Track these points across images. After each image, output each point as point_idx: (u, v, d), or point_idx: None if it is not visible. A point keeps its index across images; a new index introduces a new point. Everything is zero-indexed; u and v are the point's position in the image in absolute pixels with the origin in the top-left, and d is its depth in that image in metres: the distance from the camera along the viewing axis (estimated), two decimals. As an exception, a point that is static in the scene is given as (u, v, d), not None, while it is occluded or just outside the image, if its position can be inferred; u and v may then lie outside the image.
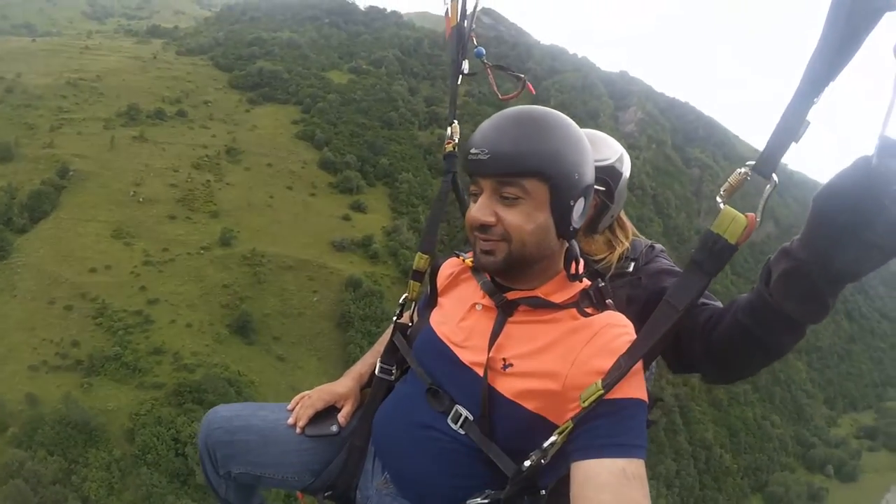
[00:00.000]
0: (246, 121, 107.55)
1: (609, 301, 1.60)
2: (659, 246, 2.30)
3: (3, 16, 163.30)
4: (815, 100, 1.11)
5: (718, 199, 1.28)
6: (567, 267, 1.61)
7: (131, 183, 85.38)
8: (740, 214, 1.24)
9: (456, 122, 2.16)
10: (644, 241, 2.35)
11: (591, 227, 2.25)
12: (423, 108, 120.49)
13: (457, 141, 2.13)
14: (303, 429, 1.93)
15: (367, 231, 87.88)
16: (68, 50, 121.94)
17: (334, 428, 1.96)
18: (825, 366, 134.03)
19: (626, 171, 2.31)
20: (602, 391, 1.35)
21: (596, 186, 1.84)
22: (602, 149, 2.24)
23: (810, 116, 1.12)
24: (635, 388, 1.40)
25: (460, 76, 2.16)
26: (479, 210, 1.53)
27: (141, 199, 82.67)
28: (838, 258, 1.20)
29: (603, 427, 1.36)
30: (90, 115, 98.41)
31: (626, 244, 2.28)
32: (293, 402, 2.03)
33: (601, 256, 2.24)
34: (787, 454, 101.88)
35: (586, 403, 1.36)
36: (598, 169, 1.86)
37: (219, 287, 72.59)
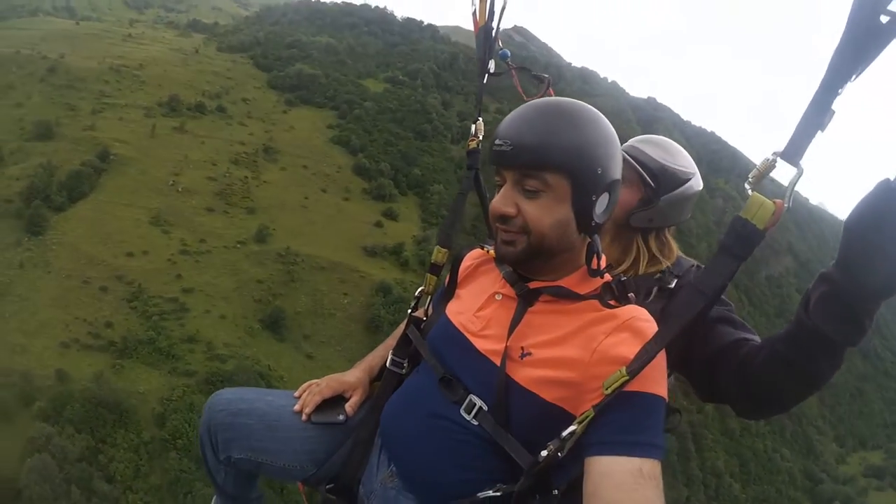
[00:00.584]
0: (283, 121, 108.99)
1: (631, 295, 1.58)
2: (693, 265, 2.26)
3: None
4: (840, 91, 1.17)
5: (747, 186, 1.31)
6: (589, 262, 1.60)
7: (171, 172, 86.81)
8: (768, 200, 1.27)
9: (481, 119, 2.18)
10: (691, 261, 2.30)
11: (624, 217, 2.20)
12: (455, 123, 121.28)
13: (481, 138, 2.13)
14: (309, 416, 1.90)
15: (398, 239, 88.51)
16: (111, 36, 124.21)
17: (341, 417, 1.92)
18: (837, 403, 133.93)
19: (689, 187, 2.28)
20: (627, 377, 1.32)
21: (638, 174, 2.12)
22: (673, 153, 2.29)
23: (835, 106, 1.18)
24: (657, 383, 1.39)
25: (486, 75, 2.16)
26: (501, 201, 1.53)
27: (180, 189, 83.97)
28: (871, 277, 1.22)
29: (622, 422, 1.33)
30: (131, 101, 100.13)
31: (667, 262, 2.23)
32: (300, 389, 2.00)
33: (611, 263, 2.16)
34: (796, 488, 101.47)
35: (609, 391, 1.33)
36: (655, 165, 2.15)
37: (253, 282, 73.49)
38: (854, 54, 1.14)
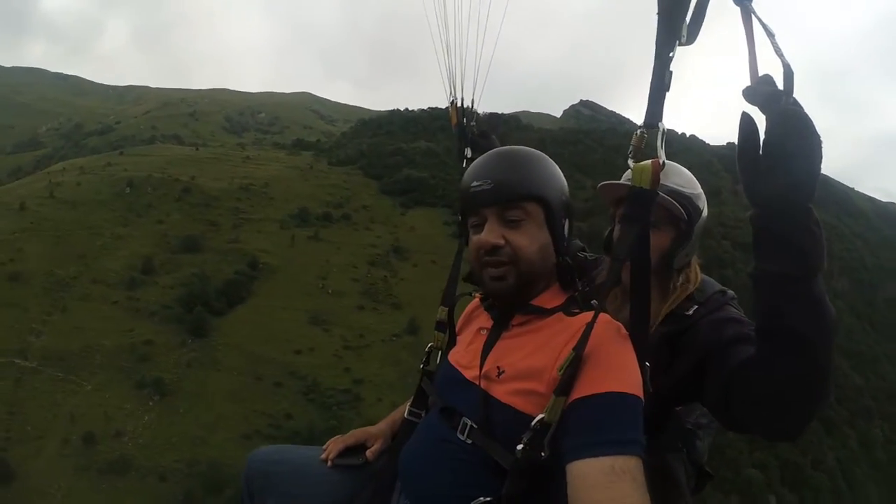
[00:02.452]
0: (403, 223, 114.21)
1: (594, 302, 1.68)
2: (731, 293, 2.13)
3: (153, 126, 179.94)
4: (671, 54, 1.36)
5: (629, 162, 1.49)
6: (561, 278, 1.73)
7: (317, 276, 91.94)
8: (646, 163, 1.43)
9: None
10: (715, 285, 2.18)
11: (666, 262, 2.07)
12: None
13: None
14: (332, 460, 2.02)
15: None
16: (231, 159, 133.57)
17: (360, 460, 2.05)
18: None
19: (705, 211, 2.20)
20: (573, 354, 1.41)
21: (674, 214, 2.07)
22: (686, 178, 2.19)
23: (672, 67, 1.37)
24: (618, 380, 1.42)
25: (465, 160, 2.44)
26: (489, 234, 1.63)
27: (330, 291, 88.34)
28: (766, 189, 1.32)
29: (587, 425, 1.38)
30: (265, 216, 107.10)
31: (691, 288, 2.12)
32: (328, 442, 2.12)
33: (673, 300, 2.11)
34: None
35: (563, 371, 1.41)
36: (681, 196, 2.09)
37: (414, 370, 73.66)
38: (669, 20, 1.34)
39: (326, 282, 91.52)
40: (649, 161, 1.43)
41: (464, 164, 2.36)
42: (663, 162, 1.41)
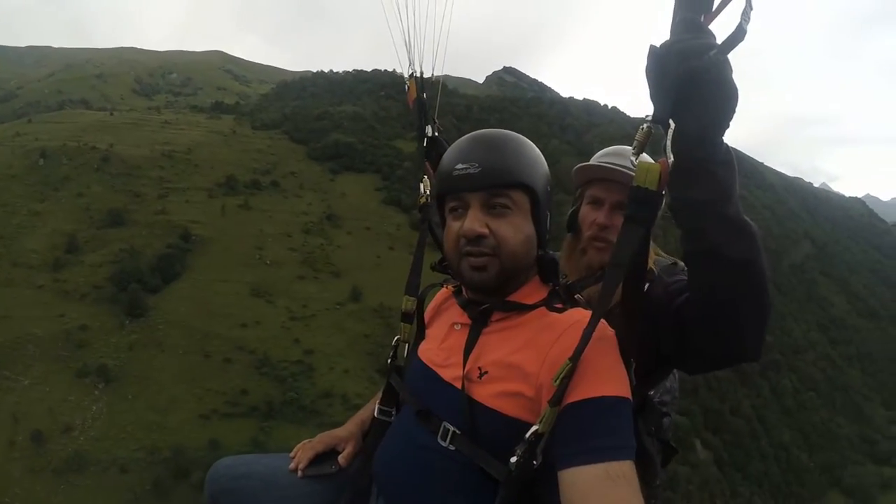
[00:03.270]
0: (333, 189, 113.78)
1: (578, 296, 1.71)
2: (682, 264, 2.05)
3: (58, 91, 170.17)
4: None
5: (632, 157, 1.38)
6: (541, 273, 1.69)
7: (253, 246, 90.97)
8: (653, 163, 1.33)
9: (426, 177, 2.25)
10: (666, 258, 2.17)
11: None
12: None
13: (428, 194, 2.19)
14: (303, 471, 1.92)
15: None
16: (149, 124, 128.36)
17: (333, 468, 1.95)
18: (878, 370, 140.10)
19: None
20: (570, 364, 1.34)
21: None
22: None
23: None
24: (608, 384, 1.38)
25: (425, 139, 2.29)
26: (472, 221, 1.56)
27: (268, 262, 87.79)
28: (684, 126, 1.26)
29: (578, 432, 1.34)
30: (191, 184, 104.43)
31: (649, 265, 2.02)
32: (295, 448, 2.03)
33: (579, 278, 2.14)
34: (855, 451, 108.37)
35: (558, 382, 1.34)
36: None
37: (360, 337, 77.96)
38: (688, 7, 1.26)
39: (263, 252, 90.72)
40: (657, 161, 1.35)
41: (423, 143, 2.31)
42: (671, 163, 1.32)
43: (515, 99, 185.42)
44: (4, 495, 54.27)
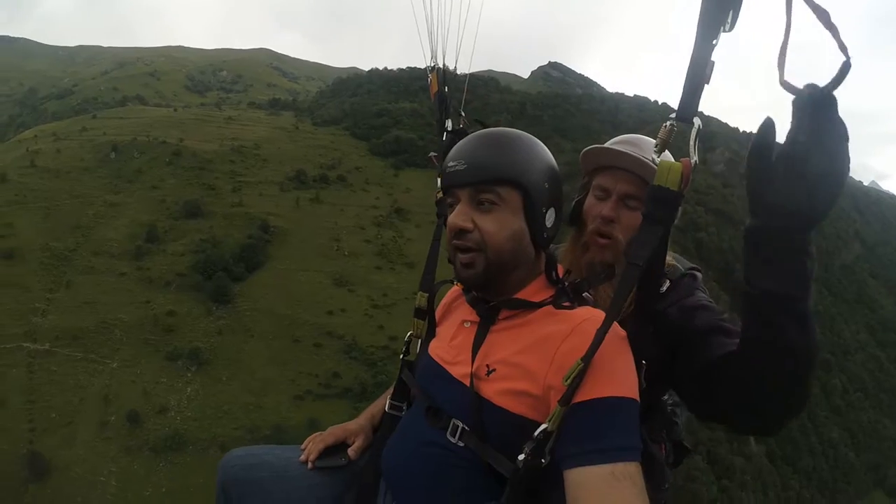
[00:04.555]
0: (398, 184, 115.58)
1: (586, 294, 1.67)
2: (699, 275, 2.03)
3: (114, 88, 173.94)
4: (714, 42, 1.22)
5: (654, 155, 1.37)
6: (548, 273, 1.67)
7: (329, 238, 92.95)
8: (675, 162, 1.31)
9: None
10: (685, 263, 2.08)
11: None
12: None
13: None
14: (313, 462, 1.92)
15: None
16: (214, 119, 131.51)
17: (343, 460, 1.95)
18: None
19: None
20: (582, 364, 1.33)
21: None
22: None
23: (714, 57, 1.22)
24: (617, 384, 1.38)
25: (445, 133, 2.29)
26: (457, 216, 1.57)
27: (346, 253, 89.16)
28: (777, 201, 1.19)
29: (585, 432, 1.34)
30: (262, 178, 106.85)
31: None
32: (306, 441, 2.02)
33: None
34: None
35: (569, 381, 1.34)
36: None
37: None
38: (719, 5, 1.19)
39: (340, 244, 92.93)
40: (680, 160, 1.32)
41: (444, 137, 2.32)
42: (695, 163, 1.30)
43: (567, 95, 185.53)
44: (99, 473, 55.71)
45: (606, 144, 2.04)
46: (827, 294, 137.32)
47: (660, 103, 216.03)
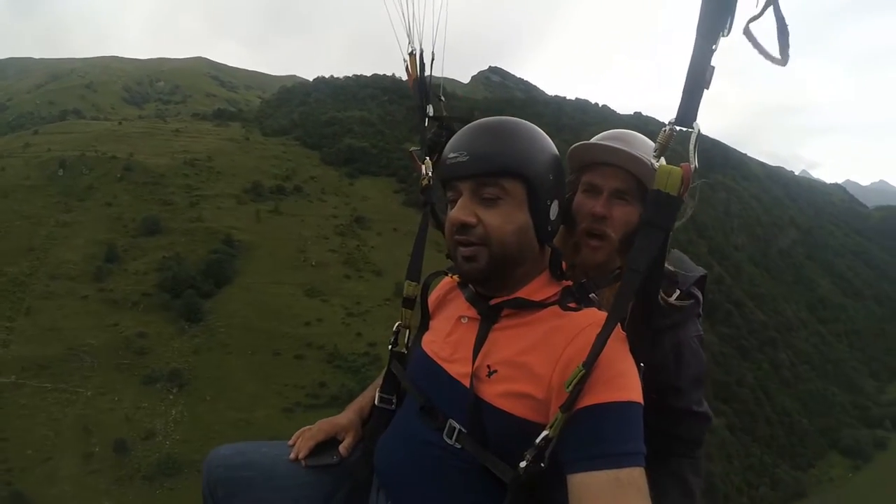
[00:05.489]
0: (354, 192, 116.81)
1: (592, 295, 1.62)
2: (699, 296, 1.98)
3: (49, 102, 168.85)
4: (714, 47, 1.20)
5: (653, 160, 1.33)
6: (552, 268, 1.64)
7: (296, 250, 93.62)
8: (675, 167, 1.29)
9: (428, 159, 2.17)
10: (693, 269, 2.03)
11: (631, 240, 1.54)
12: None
13: (430, 176, 2.15)
14: (303, 460, 1.87)
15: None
16: (160, 132, 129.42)
17: (335, 458, 1.90)
18: (865, 345, 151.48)
19: None
20: (583, 370, 1.31)
21: (647, 186, 1.74)
22: (650, 148, 1.69)
23: (714, 62, 1.21)
24: (621, 389, 1.36)
25: (426, 119, 2.22)
26: (460, 210, 1.54)
27: (314, 264, 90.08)
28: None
29: (590, 437, 1.32)
30: (218, 191, 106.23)
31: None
32: (294, 437, 1.98)
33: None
34: (849, 416, 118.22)
35: (571, 388, 1.32)
36: (653, 169, 1.74)
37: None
38: (718, 8, 1.18)
39: (306, 254, 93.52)
40: (680, 165, 1.30)
41: (425, 123, 2.22)
42: (695, 167, 1.29)
43: (511, 100, 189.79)
44: (88, 508, 53.65)
45: (593, 140, 2.05)
46: (768, 277, 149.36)
47: (600, 105, 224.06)
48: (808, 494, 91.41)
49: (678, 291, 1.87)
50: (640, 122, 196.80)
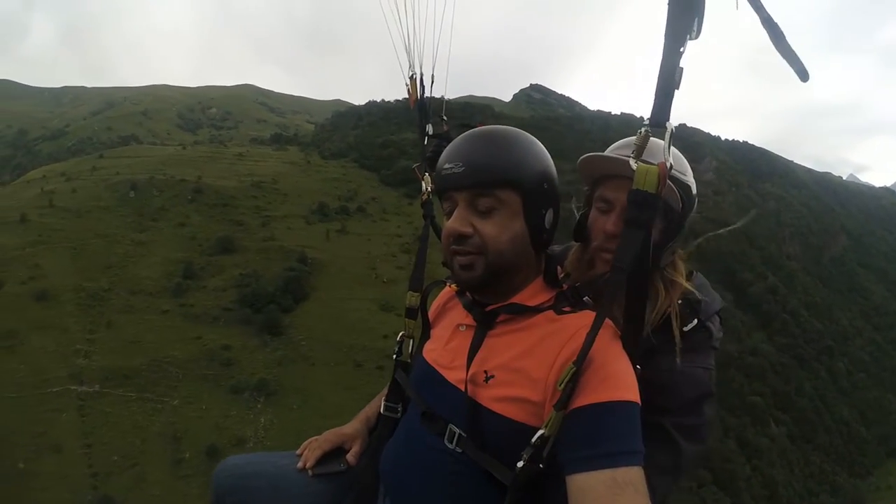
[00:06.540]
0: (413, 212, 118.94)
1: (586, 298, 1.64)
2: (717, 332, 1.90)
3: (108, 128, 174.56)
4: (682, 49, 1.24)
5: (630, 162, 1.37)
6: (546, 274, 1.66)
7: (367, 267, 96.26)
8: (652, 166, 1.33)
9: (427, 174, 2.34)
10: (714, 300, 1.94)
11: (654, 259, 1.70)
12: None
13: (430, 191, 2.33)
14: (312, 470, 1.91)
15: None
16: (224, 156, 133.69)
17: (342, 466, 1.94)
18: None
19: (696, 200, 1.98)
20: (574, 368, 1.33)
21: (668, 203, 1.84)
22: (680, 162, 1.95)
23: (682, 63, 1.25)
24: (616, 388, 1.37)
25: (426, 138, 2.39)
26: (456, 221, 1.54)
27: (385, 280, 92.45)
28: None
29: (586, 437, 1.33)
30: (286, 212, 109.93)
31: (679, 289, 1.86)
32: (302, 447, 2.02)
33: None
34: None
35: (563, 386, 1.33)
36: (677, 183, 1.88)
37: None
38: (685, 12, 1.21)
39: (376, 271, 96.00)
40: (655, 163, 1.34)
41: (425, 142, 2.39)
42: (670, 165, 1.33)
43: (557, 117, 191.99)
44: (183, 511, 54.90)
45: (606, 151, 2.00)
46: (821, 286, 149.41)
47: (645, 119, 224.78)
48: (867, 502, 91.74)
49: (696, 321, 1.85)
50: (687, 134, 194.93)
